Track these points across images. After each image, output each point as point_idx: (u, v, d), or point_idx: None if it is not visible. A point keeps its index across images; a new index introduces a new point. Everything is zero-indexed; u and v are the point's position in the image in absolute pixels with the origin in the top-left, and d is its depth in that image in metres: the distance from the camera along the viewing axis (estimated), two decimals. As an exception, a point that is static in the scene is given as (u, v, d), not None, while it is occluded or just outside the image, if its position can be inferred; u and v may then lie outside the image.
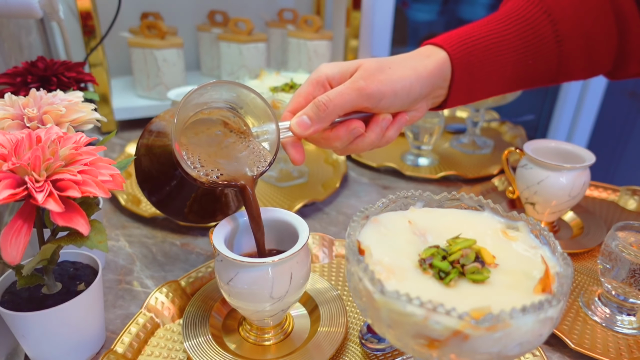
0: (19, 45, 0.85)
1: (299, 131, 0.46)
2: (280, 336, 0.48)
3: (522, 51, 0.53)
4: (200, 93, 0.42)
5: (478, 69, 0.52)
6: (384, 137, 0.50)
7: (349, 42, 1.27)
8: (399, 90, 0.47)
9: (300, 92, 0.48)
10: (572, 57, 0.55)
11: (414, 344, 0.29)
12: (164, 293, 0.51)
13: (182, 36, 1.15)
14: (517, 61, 0.53)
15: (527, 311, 0.26)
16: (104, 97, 0.98)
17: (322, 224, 0.71)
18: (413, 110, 0.51)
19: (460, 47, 0.51)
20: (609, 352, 0.47)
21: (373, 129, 0.49)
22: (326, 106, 0.45)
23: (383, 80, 0.46)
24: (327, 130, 0.48)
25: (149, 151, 0.48)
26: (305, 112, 0.46)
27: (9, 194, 0.32)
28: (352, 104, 0.46)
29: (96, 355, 0.46)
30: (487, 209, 0.39)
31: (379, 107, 0.47)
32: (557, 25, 0.53)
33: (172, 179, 0.47)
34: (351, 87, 0.46)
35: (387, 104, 0.47)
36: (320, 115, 0.45)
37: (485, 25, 0.53)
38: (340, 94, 0.45)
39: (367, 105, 0.47)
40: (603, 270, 0.50)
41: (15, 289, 0.43)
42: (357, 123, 0.47)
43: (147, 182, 0.49)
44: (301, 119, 0.46)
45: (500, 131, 1.09)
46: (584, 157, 0.62)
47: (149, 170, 0.48)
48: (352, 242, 0.34)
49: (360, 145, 0.49)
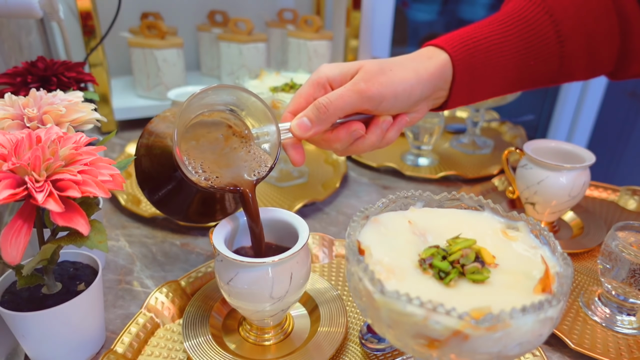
0: (19, 45, 0.85)
1: (299, 133, 0.46)
2: (280, 336, 0.48)
3: (524, 52, 0.53)
4: (201, 97, 0.42)
5: (479, 71, 0.52)
6: (384, 139, 0.50)
7: (349, 42, 1.27)
8: (399, 93, 0.47)
9: (301, 93, 0.48)
10: (574, 57, 0.55)
11: (414, 344, 0.29)
12: (164, 293, 0.51)
13: (182, 36, 1.15)
14: (519, 62, 0.53)
15: (527, 311, 0.26)
16: (104, 97, 0.98)
17: (322, 224, 0.71)
18: (413, 111, 0.51)
19: (462, 48, 0.51)
20: (609, 352, 0.47)
21: (373, 130, 0.49)
22: (327, 108, 0.45)
23: (384, 82, 0.46)
24: (327, 132, 0.48)
25: (149, 151, 0.48)
26: (306, 114, 0.46)
27: (9, 194, 0.32)
28: (352, 106, 0.46)
29: (96, 355, 0.46)
30: (487, 209, 0.39)
31: (379, 109, 0.47)
32: (559, 25, 0.53)
33: (172, 179, 0.47)
34: (352, 89, 0.46)
35: (387, 106, 0.47)
36: (321, 117, 0.45)
37: (486, 27, 0.53)
38: (341, 96, 0.45)
39: (368, 108, 0.47)
40: (603, 270, 0.50)
41: (15, 289, 0.43)
42: (357, 125, 0.47)
43: (147, 182, 0.49)
44: (301, 121, 0.46)
45: (500, 131, 1.09)
46: (584, 157, 0.62)
47: (149, 170, 0.48)
48: (352, 242, 0.34)
49: (360, 147, 0.49)
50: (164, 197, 0.49)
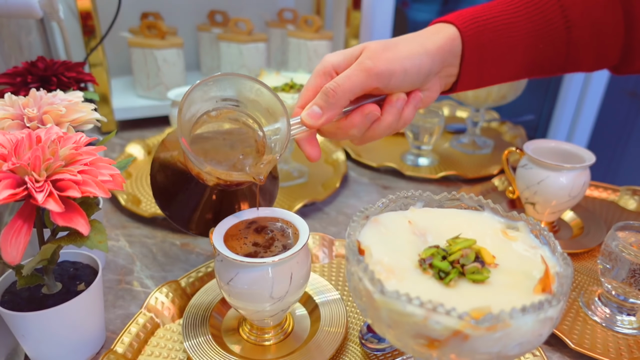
0: (19, 45, 0.85)
1: (311, 122, 0.45)
2: (280, 336, 0.48)
3: (533, 34, 0.53)
4: (203, 90, 0.41)
5: (488, 49, 0.51)
6: (401, 118, 0.48)
7: (349, 42, 1.27)
8: (408, 67, 0.46)
9: (308, 86, 0.47)
10: (580, 45, 0.55)
11: (414, 344, 0.29)
12: (164, 293, 0.51)
13: (182, 36, 1.15)
14: (528, 44, 0.53)
15: (527, 311, 0.26)
16: (104, 97, 0.98)
17: (322, 224, 0.71)
18: (425, 89, 0.50)
19: (471, 24, 0.50)
20: (609, 352, 0.47)
21: (388, 110, 0.47)
22: (335, 92, 0.44)
23: (390, 58, 0.45)
24: (341, 120, 0.47)
25: (163, 167, 0.48)
26: (315, 102, 0.45)
27: (9, 194, 0.32)
28: (361, 86, 0.45)
29: (96, 355, 0.46)
30: (487, 209, 0.39)
31: (389, 87, 0.46)
32: (567, 11, 0.53)
33: (186, 191, 0.47)
34: (358, 68, 0.45)
35: (397, 83, 0.46)
36: (330, 102, 0.44)
37: (495, 7, 0.53)
38: (348, 77, 0.44)
39: (378, 86, 0.46)
40: (603, 270, 0.50)
41: (15, 289, 0.43)
42: (371, 107, 0.46)
43: (162, 195, 0.49)
44: (311, 110, 0.45)
45: (500, 131, 1.09)
46: (584, 157, 0.61)
47: (164, 185, 0.48)
48: (352, 242, 0.34)
49: (377, 130, 0.48)
50: (179, 211, 0.49)
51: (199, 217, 0.49)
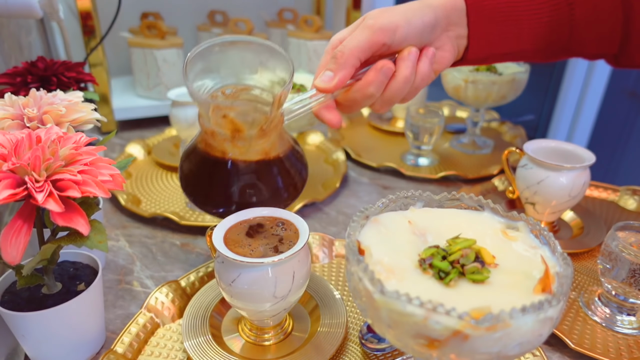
0: (19, 45, 0.85)
1: (325, 85, 0.46)
2: (280, 336, 0.48)
3: (536, 5, 0.53)
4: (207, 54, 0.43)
5: (494, 15, 0.52)
6: (418, 73, 0.49)
7: (349, 42, 1.27)
8: (411, 18, 0.47)
9: (321, 65, 0.49)
10: (582, 25, 0.55)
11: (414, 344, 0.29)
12: (164, 293, 0.51)
13: (182, 36, 1.14)
14: (532, 15, 0.54)
15: (527, 311, 0.26)
16: (104, 97, 0.98)
17: (322, 224, 0.71)
18: (437, 47, 0.51)
19: None
20: (609, 352, 0.47)
21: (402, 64, 0.48)
22: (342, 52, 0.46)
23: (392, 13, 0.47)
24: (356, 82, 0.48)
25: (187, 155, 0.50)
26: (326, 67, 0.47)
27: (9, 194, 0.32)
28: (368, 44, 0.46)
29: (96, 355, 0.46)
30: (487, 209, 0.39)
31: (397, 42, 0.47)
32: None
33: (209, 172, 0.48)
34: (362, 27, 0.47)
35: (403, 35, 0.47)
36: (340, 62, 0.46)
37: None
38: (353, 37, 0.46)
39: (384, 41, 0.47)
40: (603, 270, 0.50)
41: (15, 289, 0.43)
42: (384, 61, 0.47)
43: (188, 183, 0.50)
44: (323, 74, 0.46)
45: (500, 131, 1.09)
46: (584, 157, 0.61)
47: (189, 170, 0.50)
48: (352, 242, 0.34)
49: (395, 87, 0.48)
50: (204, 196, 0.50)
51: (224, 196, 0.49)
